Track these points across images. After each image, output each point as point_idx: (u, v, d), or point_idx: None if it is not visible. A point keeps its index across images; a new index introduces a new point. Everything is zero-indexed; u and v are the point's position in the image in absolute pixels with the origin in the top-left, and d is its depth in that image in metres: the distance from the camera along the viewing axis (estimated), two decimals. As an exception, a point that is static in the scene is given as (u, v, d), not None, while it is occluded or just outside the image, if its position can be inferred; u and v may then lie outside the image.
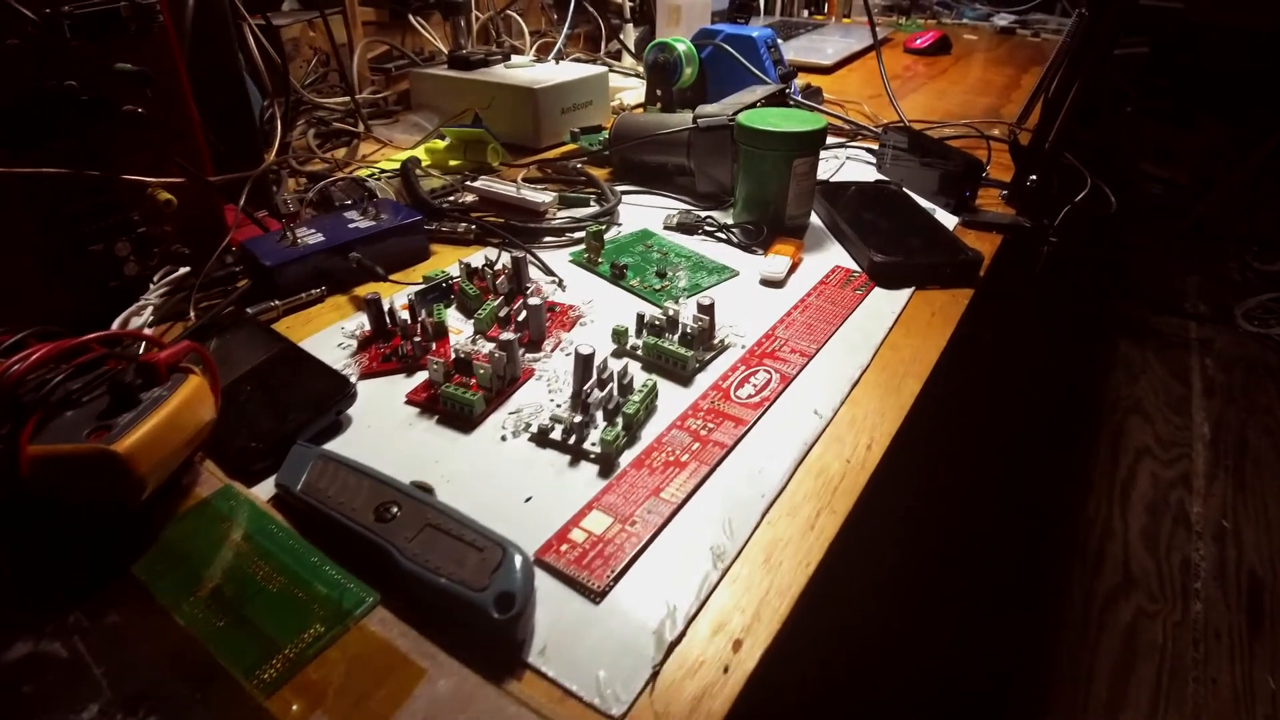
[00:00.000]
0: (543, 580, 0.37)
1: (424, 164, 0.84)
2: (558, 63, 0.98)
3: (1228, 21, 2.26)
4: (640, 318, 0.53)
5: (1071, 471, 1.62)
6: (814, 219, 0.73)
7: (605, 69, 0.95)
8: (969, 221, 0.72)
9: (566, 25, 1.18)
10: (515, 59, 1.00)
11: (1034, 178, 0.70)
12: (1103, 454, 1.66)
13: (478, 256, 0.66)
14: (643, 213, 0.75)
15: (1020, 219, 0.72)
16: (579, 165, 0.79)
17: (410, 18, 1.13)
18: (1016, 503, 1.54)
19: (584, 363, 0.47)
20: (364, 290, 0.62)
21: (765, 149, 0.65)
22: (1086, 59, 0.65)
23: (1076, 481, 1.60)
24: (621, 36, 1.23)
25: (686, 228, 0.69)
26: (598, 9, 1.26)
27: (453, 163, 0.84)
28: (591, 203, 0.75)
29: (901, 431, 0.47)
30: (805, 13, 1.77)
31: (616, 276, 0.62)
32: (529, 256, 0.65)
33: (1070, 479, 1.60)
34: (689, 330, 0.51)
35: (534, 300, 0.52)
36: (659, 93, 0.96)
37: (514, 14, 1.19)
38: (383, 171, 0.80)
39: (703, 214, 0.71)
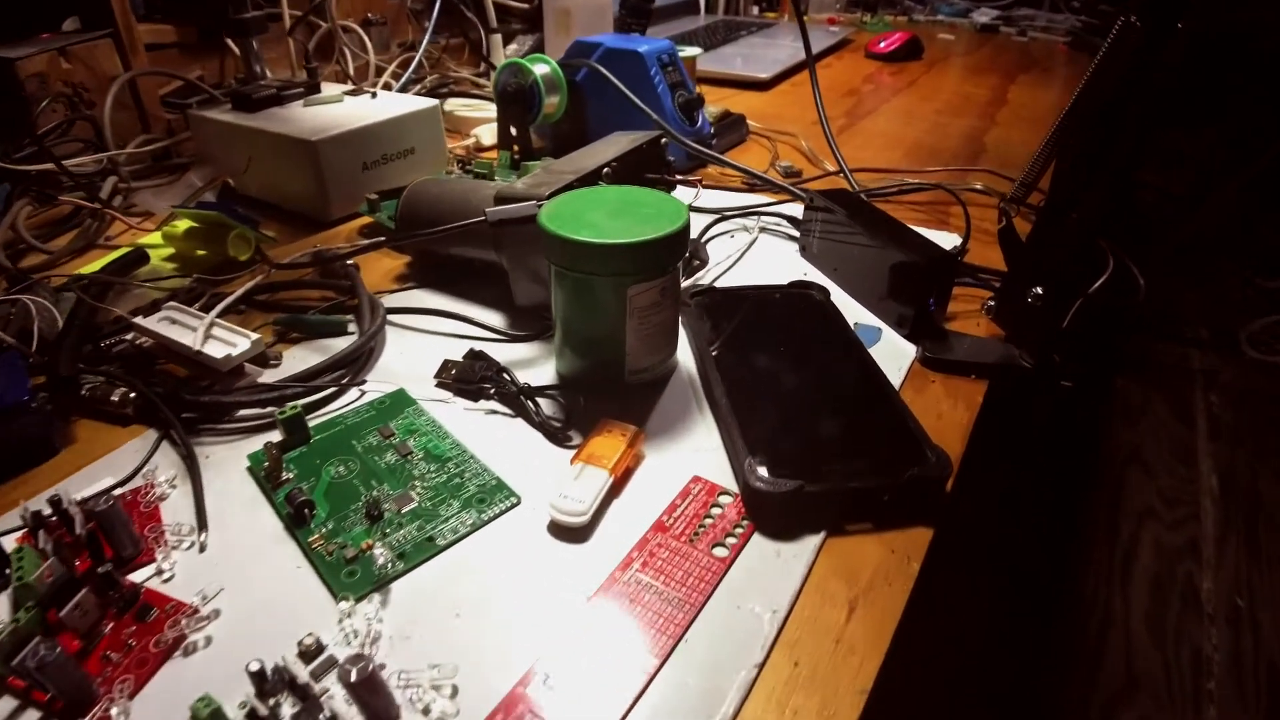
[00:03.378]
0: None
1: (159, 258, 0.55)
2: (374, 95, 0.68)
3: (1229, 17, 1.94)
4: (259, 682, 0.24)
5: (1066, 542, 1.34)
6: (683, 354, 0.44)
7: (435, 103, 0.65)
8: (933, 358, 0.43)
9: (427, 37, 0.88)
10: (326, 90, 0.70)
11: (1039, 291, 0.41)
12: (1101, 518, 1.38)
13: (107, 467, 0.37)
14: (427, 346, 0.45)
15: (1015, 353, 0.43)
16: (350, 263, 0.50)
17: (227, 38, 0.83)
18: (1005, 585, 1.26)
19: None
20: None
21: (580, 270, 0.36)
22: (1137, 101, 0.36)
23: (1072, 555, 1.31)
24: (489, 50, 0.92)
25: (466, 389, 0.40)
26: (478, 13, 0.95)
27: (199, 253, 0.55)
28: (349, 328, 0.46)
29: None
30: (755, 9, 1.45)
31: (296, 520, 0.33)
32: (185, 465, 0.36)
33: (1065, 552, 1.32)
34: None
35: (42, 655, 0.23)
36: (513, 132, 0.67)
37: (357, 26, 0.89)
38: (78, 280, 0.51)
39: (503, 358, 0.41)
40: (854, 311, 0.48)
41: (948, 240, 0.57)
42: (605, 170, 0.46)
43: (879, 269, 0.47)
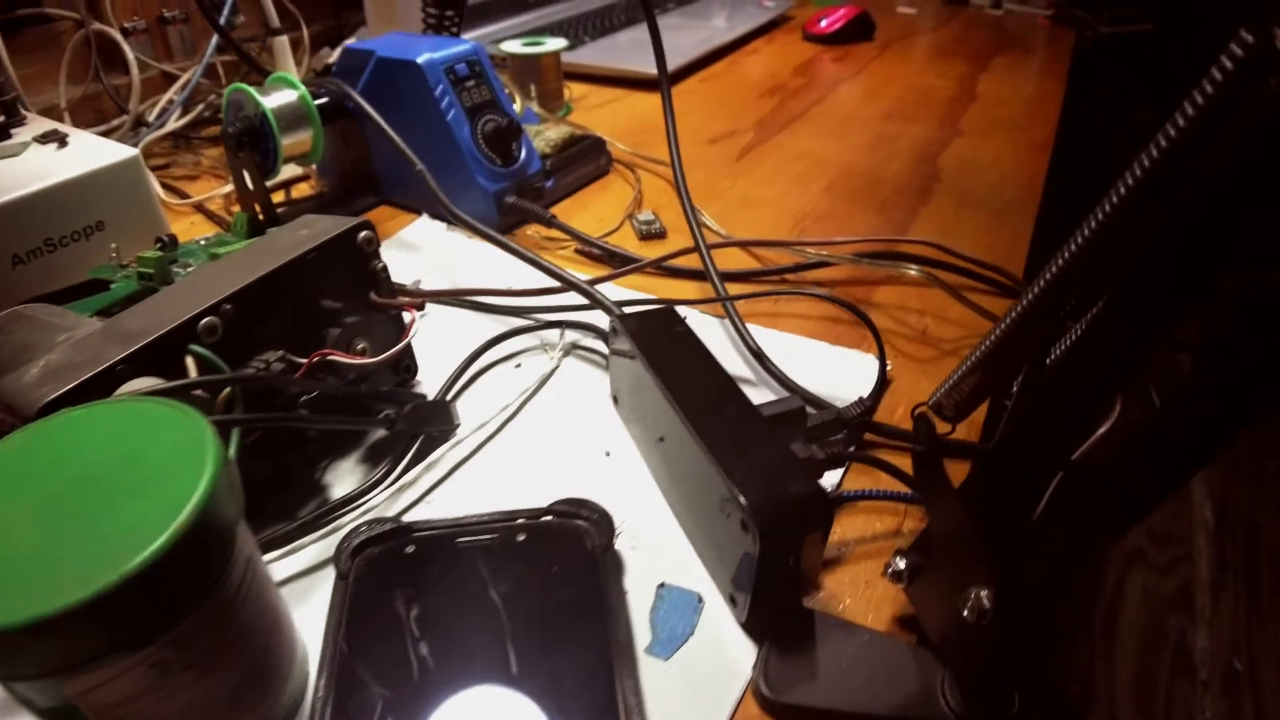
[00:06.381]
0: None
1: None
2: (63, 143, 0.45)
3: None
4: None
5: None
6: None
7: (133, 154, 0.43)
8: (777, 702, 0.22)
9: (212, 46, 0.65)
10: (17, 135, 0.47)
11: (985, 600, 0.20)
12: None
13: None
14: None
15: (936, 681, 0.22)
16: None
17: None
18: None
19: None
20: None
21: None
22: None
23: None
24: (275, 60, 0.68)
25: None
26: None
27: None
28: None
29: None
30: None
31: None
32: None
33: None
34: None
35: None
36: (250, 184, 0.44)
37: (116, 33, 0.65)
38: None
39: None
40: (668, 549, 0.27)
41: (861, 366, 0.35)
42: (206, 321, 0.24)
43: (709, 472, 0.26)
